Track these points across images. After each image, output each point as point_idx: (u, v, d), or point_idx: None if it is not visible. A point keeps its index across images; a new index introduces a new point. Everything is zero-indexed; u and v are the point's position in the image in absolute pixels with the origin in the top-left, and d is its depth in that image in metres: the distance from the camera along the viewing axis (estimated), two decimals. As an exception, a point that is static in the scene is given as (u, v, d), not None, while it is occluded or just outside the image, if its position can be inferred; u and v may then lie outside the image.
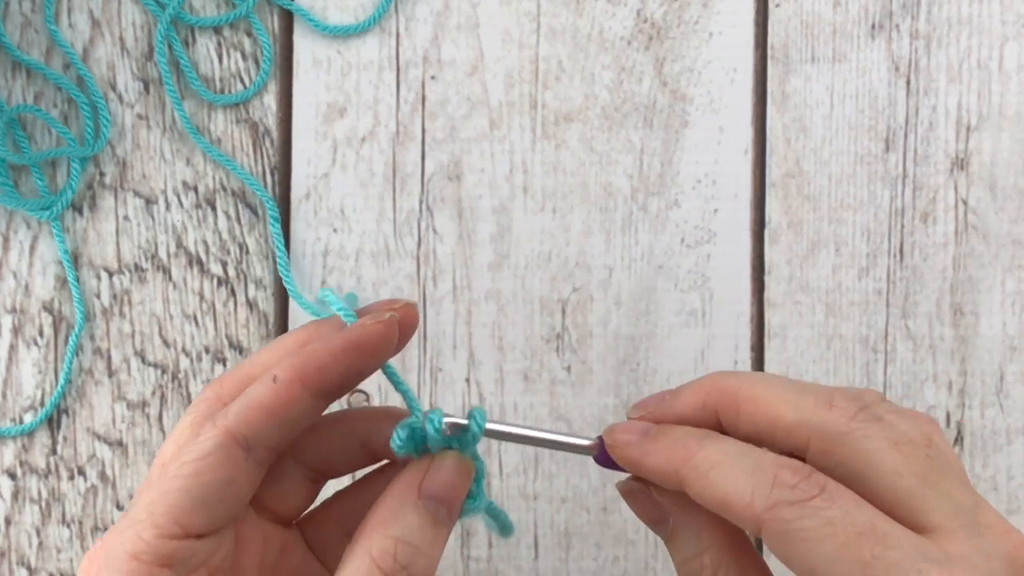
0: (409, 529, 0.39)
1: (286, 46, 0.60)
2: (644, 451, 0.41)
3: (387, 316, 0.40)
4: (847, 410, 0.39)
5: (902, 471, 0.38)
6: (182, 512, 0.38)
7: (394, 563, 0.38)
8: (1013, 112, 0.60)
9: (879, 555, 0.36)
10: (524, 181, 0.60)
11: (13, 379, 0.59)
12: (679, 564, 0.41)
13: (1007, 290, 0.60)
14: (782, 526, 0.37)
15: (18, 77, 0.59)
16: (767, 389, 0.40)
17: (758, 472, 0.38)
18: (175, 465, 0.38)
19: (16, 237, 0.59)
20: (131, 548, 0.38)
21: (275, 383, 0.39)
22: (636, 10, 0.60)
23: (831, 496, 0.37)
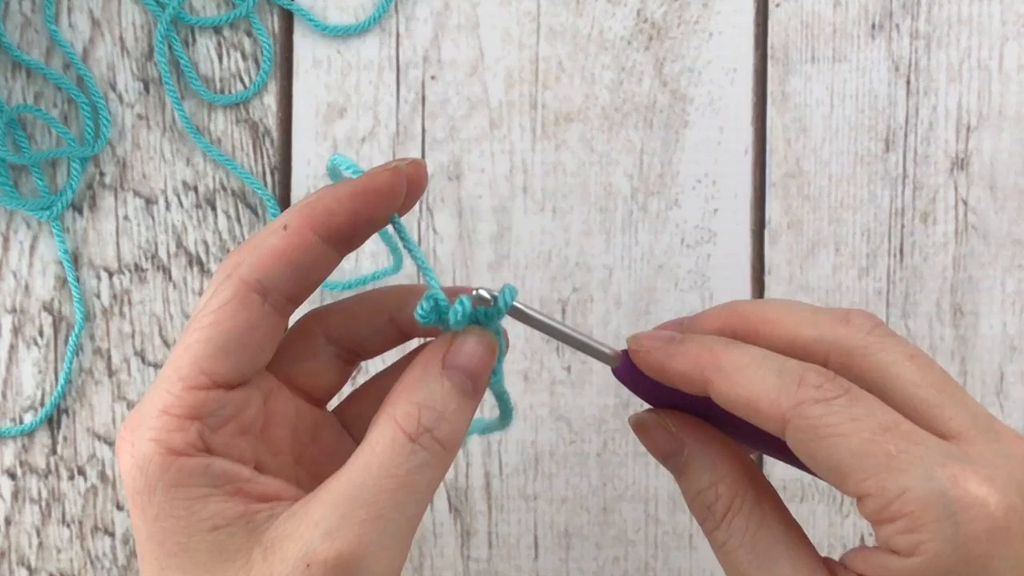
0: (432, 395, 0.39)
1: (286, 46, 0.60)
2: (670, 354, 0.41)
3: (393, 165, 0.40)
4: (863, 326, 0.40)
5: (919, 382, 0.39)
6: (206, 360, 0.38)
7: (418, 425, 0.38)
8: (1013, 112, 0.60)
9: (904, 449, 0.37)
10: (524, 181, 0.60)
11: (13, 379, 0.60)
12: (692, 497, 0.41)
13: (1007, 290, 0.60)
14: (808, 423, 0.37)
15: (18, 77, 0.59)
16: (784, 311, 0.41)
17: (785, 373, 0.38)
18: (194, 321, 0.39)
19: (16, 237, 0.59)
20: (160, 404, 0.38)
21: (285, 230, 0.39)
22: (636, 10, 0.60)
23: (855, 397, 0.38)
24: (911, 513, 0.36)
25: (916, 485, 0.36)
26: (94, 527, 0.60)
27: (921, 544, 0.36)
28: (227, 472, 0.38)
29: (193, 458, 0.38)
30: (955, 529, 0.36)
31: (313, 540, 0.37)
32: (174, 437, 0.38)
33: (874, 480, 0.37)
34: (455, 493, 0.60)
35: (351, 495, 0.38)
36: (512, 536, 0.60)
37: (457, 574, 0.60)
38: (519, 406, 0.60)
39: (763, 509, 0.40)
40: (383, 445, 0.38)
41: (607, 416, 0.60)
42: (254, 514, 0.38)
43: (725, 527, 0.40)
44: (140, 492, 0.38)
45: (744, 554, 0.40)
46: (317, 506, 0.38)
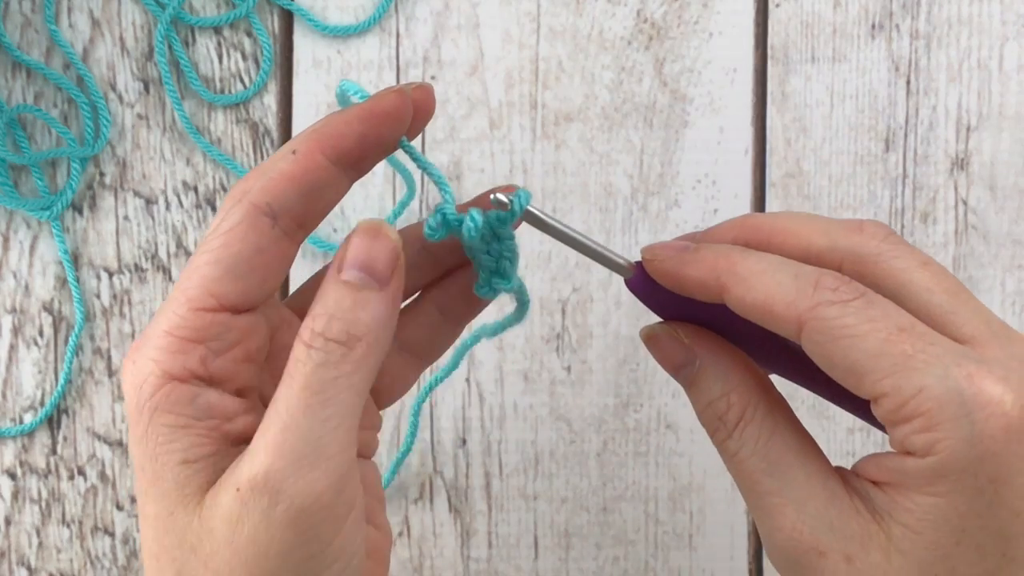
0: (325, 302, 0.38)
1: (286, 46, 0.60)
2: (684, 262, 0.41)
3: (398, 87, 0.40)
4: (877, 233, 0.40)
5: (933, 288, 0.39)
6: (213, 282, 0.38)
7: (311, 334, 0.38)
8: (1013, 112, 0.60)
9: (920, 348, 0.37)
10: (524, 181, 0.60)
11: (13, 379, 0.60)
12: (703, 408, 0.41)
13: (1007, 290, 0.60)
14: (825, 324, 0.37)
15: (18, 77, 0.59)
16: (796, 221, 0.41)
17: (801, 277, 0.38)
18: (204, 244, 0.39)
19: (16, 237, 0.59)
20: (165, 324, 0.38)
21: (295, 154, 0.39)
22: (636, 10, 0.60)
23: (871, 300, 0.38)
24: (928, 411, 0.36)
25: (933, 384, 0.36)
26: (94, 527, 0.60)
27: (937, 443, 0.36)
28: (212, 406, 0.38)
29: (185, 385, 0.38)
30: (971, 427, 0.36)
31: (239, 465, 0.37)
32: (175, 359, 0.38)
33: (891, 379, 0.36)
34: (455, 493, 0.60)
35: (268, 416, 0.37)
36: (512, 536, 0.60)
37: (457, 574, 0.60)
38: (519, 406, 0.60)
39: (775, 418, 0.40)
40: (293, 362, 0.38)
41: (607, 416, 0.60)
42: (222, 455, 0.38)
43: (737, 436, 0.40)
44: (133, 411, 0.38)
45: (757, 462, 0.40)
46: (257, 451, 0.37)
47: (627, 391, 0.60)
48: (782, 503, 0.39)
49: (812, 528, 0.39)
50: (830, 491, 0.39)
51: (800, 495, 0.39)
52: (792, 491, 0.39)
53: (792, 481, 0.39)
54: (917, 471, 0.37)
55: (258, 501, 0.36)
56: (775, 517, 0.39)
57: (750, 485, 0.40)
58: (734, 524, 0.60)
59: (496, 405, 0.60)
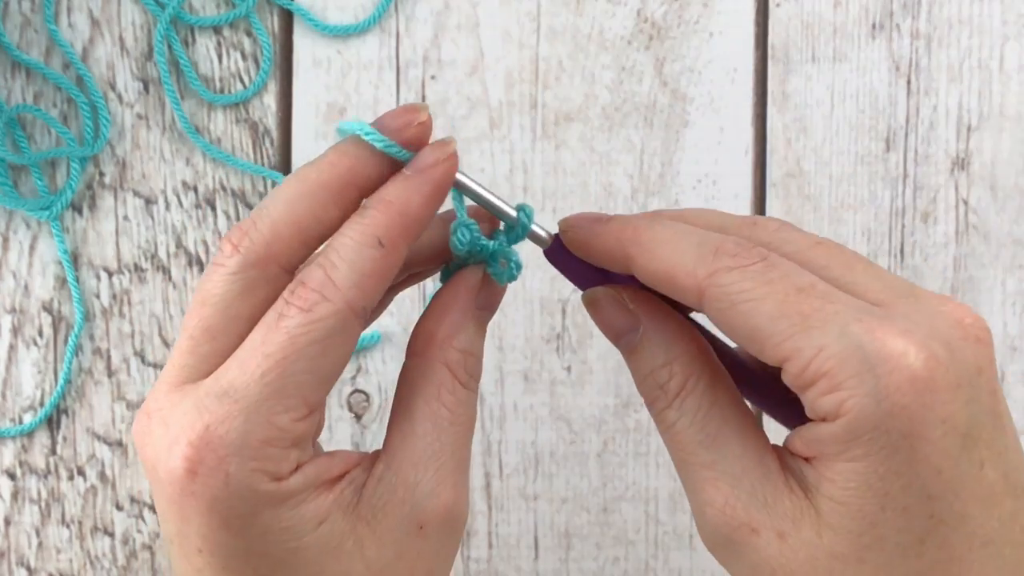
0: (471, 340, 0.41)
1: (286, 46, 0.60)
2: (594, 232, 0.41)
3: (452, 149, 0.40)
4: (769, 224, 0.40)
5: (827, 263, 0.38)
6: (311, 392, 0.38)
7: (465, 372, 0.41)
8: (1014, 112, 0.60)
9: (818, 308, 0.36)
10: (524, 181, 0.60)
11: (13, 379, 0.59)
12: (644, 376, 0.41)
13: (1008, 290, 0.60)
14: (723, 290, 0.37)
15: (18, 77, 0.59)
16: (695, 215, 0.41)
17: (702, 245, 0.38)
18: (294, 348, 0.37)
19: (16, 237, 0.59)
20: (264, 435, 0.37)
21: (383, 247, 0.38)
22: (636, 10, 0.60)
23: (772, 263, 0.37)
24: (830, 371, 0.35)
25: (831, 342, 0.35)
26: (94, 527, 0.60)
27: (843, 402, 0.35)
28: (318, 473, 0.39)
29: (293, 477, 0.38)
30: (875, 382, 0.35)
31: (418, 502, 0.39)
32: (280, 466, 0.37)
33: (790, 342, 0.36)
34: (455, 493, 0.60)
35: (435, 450, 0.39)
36: (512, 536, 0.60)
37: (457, 574, 0.60)
38: (519, 406, 0.60)
39: (716, 390, 0.40)
40: (445, 394, 0.40)
41: (607, 416, 0.60)
42: (341, 494, 0.39)
43: (677, 406, 0.40)
44: (239, 516, 0.37)
45: (694, 434, 0.39)
46: (406, 467, 0.39)
47: (627, 391, 0.60)
48: (716, 477, 0.39)
49: (745, 505, 0.38)
50: (765, 467, 0.38)
51: (735, 470, 0.38)
52: (727, 465, 0.39)
53: (728, 455, 0.39)
54: (832, 437, 0.36)
55: (442, 534, 0.40)
56: (708, 491, 0.39)
57: (684, 457, 0.40)
58: (734, 524, 0.60)
59: (496, 405, 0.60)
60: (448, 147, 0.40)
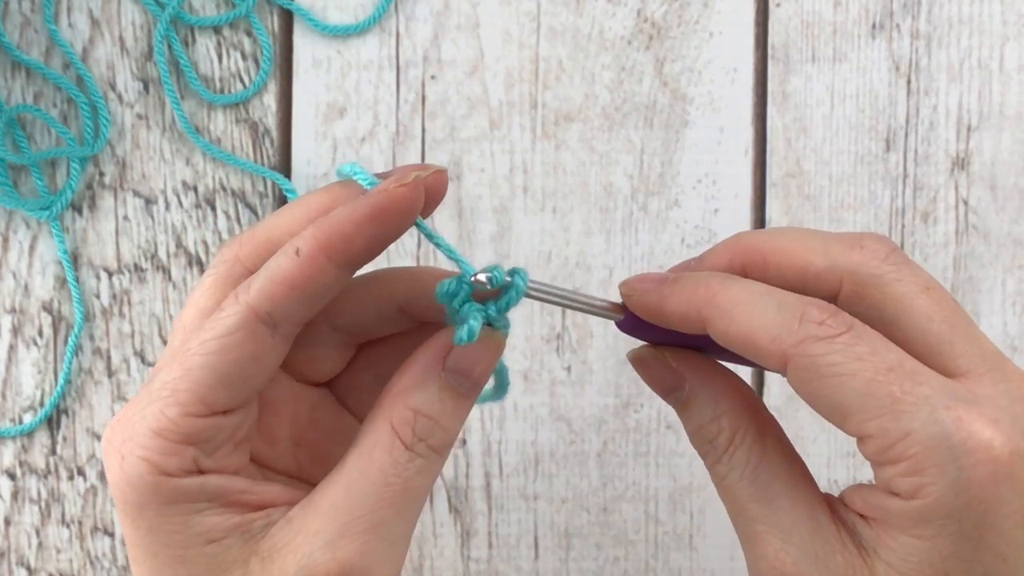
0: (429, 401, 0.39)
1: (286, 46, 0.60)
2: (663, 295, 0.40)
3: (412, 178, 0.38)
4: (878, 252, 0.38)
5: (932, 315, 0.38)
6: (207, 390, 0.37)
7: (412, 435, 0.38)
8: (1014, 112, 0.60)
9: (908, 390, 0.36)
10: (524, 181, 0.60)
11: (13, 379, 0.59)
12: (693, 431, 0.40)
13: (1008, 290, 0.60)
14: (810, 361, 0.36)
15: (18, 77, 0.59)
16: (793, 239, 0.40)
17: (784, 308, 0.37)
18: (197, 342, 0.38)
19: (16, 237, 0.59)
20: (155, 424, 0.37)
21: (298, 256, 0.37)
22: (636, 10, 0.60)
23: (859, 334, 0.36)
24: (914, 456, 0.35)
25: (920, 428, 0.35)
26: (94, 527, 0.60)
27: (923, 488, 0.35)
28: (222, 487, 0.38)
29: (186, 479, 0.38)
30: (958, 473, 0.35)
31: (314, 551, 0.37)
32: (167, 460, 0.37)
33: (877, 421, 0.36)
34: (455, 493, 0.60)
35: (350, 504, 0.37)
36: (512, 536, 0.60)
37: (457, 574, 0.60)
38: (519, 406, 0.60)
39: (764, 443, 0.40)
40: (380, 452, 0.38)
41: (607, 416, 0.60)
42: (250, 523, 0.38)
43: (726, 460, 0.40)
44: (130, 504, 0.38)
45: (744, 487, 0.39)
46: (315, 515, 0.38)
47: (627, 391, 0.60)
48: (767, 531, 0.39)
49: (796, 559, 0.38)
50: (816, 521, 0.38)
51: (786, 523, 0.38)
52: (778, 519, 0.39)
53: (779, 509, 0.39)
54: (902, 512, 0.36)
55: None
56: (760, 544, 0.39)
57: (737, 510, 0.40)
58: (734, 524, 0.60)
59: (496, 405, 0.60)
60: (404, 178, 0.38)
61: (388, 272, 0.44)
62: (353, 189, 0.40)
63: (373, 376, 0.44)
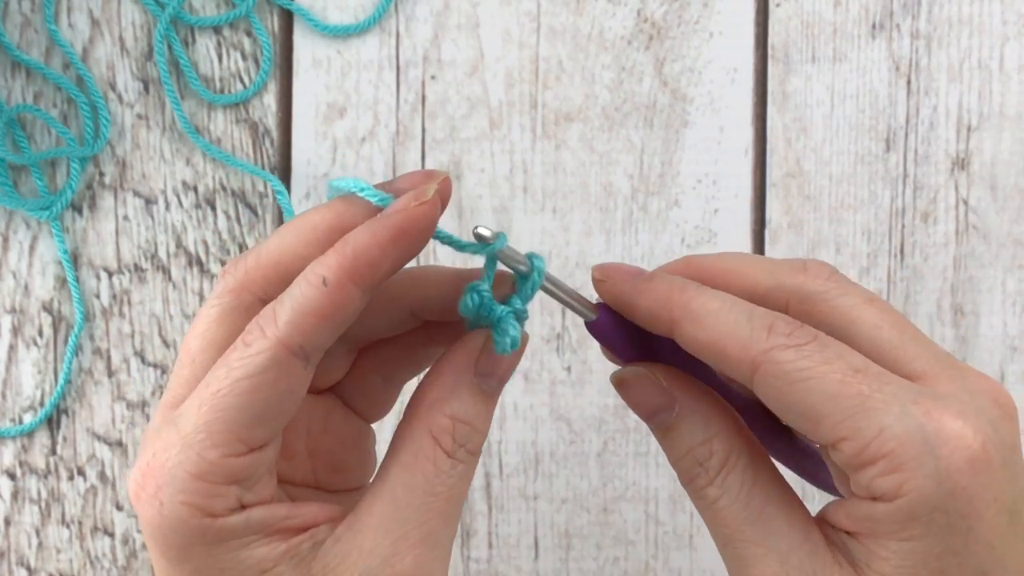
0: (465, 407, 0.39)
1: (286, 46, 0.60)
2: (638, 289, 0.40)
3: (431, 194, 0.38)
4: (821, 272, 0.40)
5: (880, 324, 0.38)
6: (244, 430, 0.37)
7: (453, 441, 0.39)
8: (1014, 112, 0.60)
9: (876, 388, 0.36)
10: (524, 181, 0.60)
11: (13, 379, 0.59)
12: (681, 455, 0.40)
13: (1008, 290, 0.60)
14: (780, 368, 0.37)
15: (18, 77, 0.59)
16: (740, 261, 0.41)
17: (754, 319, 0.38)
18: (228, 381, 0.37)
19: (16, 237, 0.59)
20: (194, 469, 0.37)
21: (326, 286, 0.37)
22: (636, 10, 0.60)
23: (824, 343, 0.37)
24: (891, 452, 0.36)
25: (893, 423, 0.36)
26: (94, 527, 0.60)
27: (904, 483, 0.36)
28: (266, 518, 0.38)
29: (232, 517, 0.37)
30: (936, 463, 0.35)
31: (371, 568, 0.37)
32: (212, 503, 0.37)
33: (850, 421, 0.36)
34: (455, 493, 0.60)
35: (400, 517, 0.38)
36: (512, 536, 0.60)
37: (457, 574, 0.60)
38: (519, 406, 0.60)
39: (757, 466, 0.40)
40: (423, 462, 0.38)
41: (607, 416, 0.60)
42: (297, 547, 0.38)
43: (719, 483, 0.39)
44: (175, 548, 0.37)
45: (739, 511, 0.39)
46: (366, 532, 0.38)
47: (627, 391, 0.60)
48: (764, 554, 0.39)
49: None
50: (812, 543, 0.38)
51: (783, 547, 0.38)
52: (775, 542, 0.39)
53: (776, 532, 0.39)
54: (888, 516, 0.36)
55: None
56: (756, 567, 0.39)
57: (729, 534, 0.39)
58: (734, 524, 0.60)
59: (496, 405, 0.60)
60: (423, 194, 0.38)
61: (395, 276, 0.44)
62: (357, 205, 0.39)
63: (379, 377, 0.44)
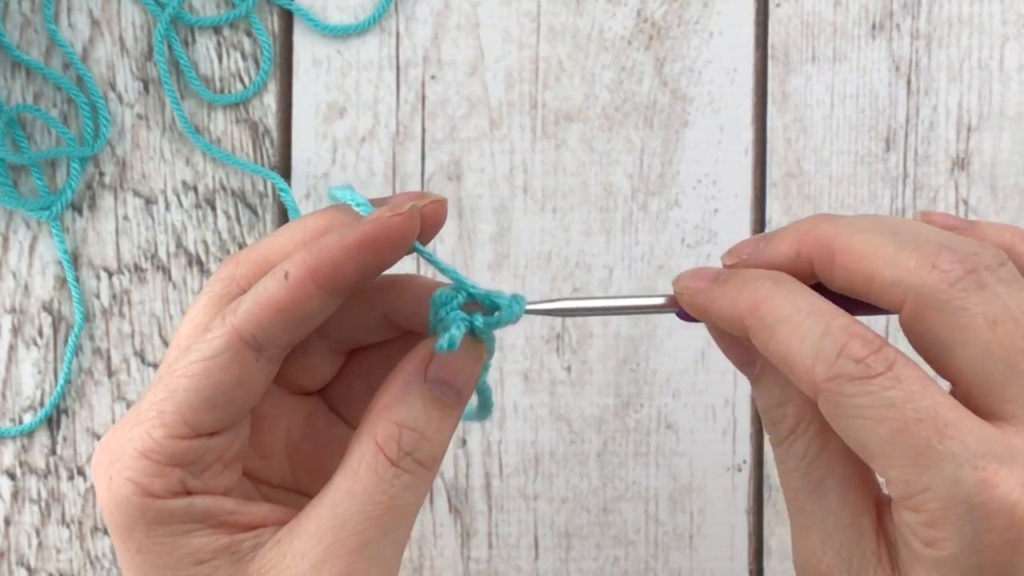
0: (414, 413, 0.38)
1: (286, 46, 0.60)
2: (711, 297, 0.39)
3: (407, 207, 0.38)
4: (949, 274, 0.36)
5: (992, 352, 0.36)
6: (190, 412, 0.37)
7: (398, 449, 0.38)
8: (1014, 112, 0.60)
9: (935, 445, 0.34)
10: (524, 181, 0.60)
11: (13, 379, 0.59)
12: (763, 408, 0.40)
13: (1008, 290, 0.60)
14: (839, 399, 0.35)
15: (18, 77, 0.59)
16: (866, 241, 0.38)
17: (826, 338, 0.36)
18: (184, 362, 0.37)
19: (16, 237, 0.59)
20: (140, 446, 0.37)
21: (286, 280, 0.37)
22: (636, 10, 0.60)
23: (897, 376, 0.35)
24: (932, 512, 0.35)
25: (939, 485, 0.35)
26: (94, 527, 0.60)
27: (939, 541, 0.35)
28: (209, 508, 0.38)
29: (173, 500, 0.38)
30: (975, 537, 0.35)
31: (301, 573, 0.37)
32: (153, 482, 0.37)
33: (899, 471, 0.35)
34: (455, 493, 0.60)
35: (336, 524, 0.37)
36: (512, 536, 0.60)
37: (457, 574, 0.60)
38: (519, 406, 0.60)
39: (826, 438, 0.39)
40: (365, 469, 0.38)
41: (607, 416, 0.60)
42: (239, 544, 0.38)
43: (786, 447, 0.39)
44: (119, 525, 0.38)
45: (798, 479, 0.39)
46: (302, 536, 0.37)
47: (627, 391, 0.60)
48: (809, 526, 0.39)
49: (831, 562, 0.38)
50: (859, 529, 0.38)
51: (829, 525, 0.38)
52: (822, 517, 0.38)
53: (825, 507, 0.38)
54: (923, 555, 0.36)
55: None
56: (802, 537, 0.39)
57: (789, 497, 0.40)
58: (734, 524, 0.60)
59: (496, 405, 0.60)
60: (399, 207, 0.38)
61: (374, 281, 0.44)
62: (349, 214, 0.40)
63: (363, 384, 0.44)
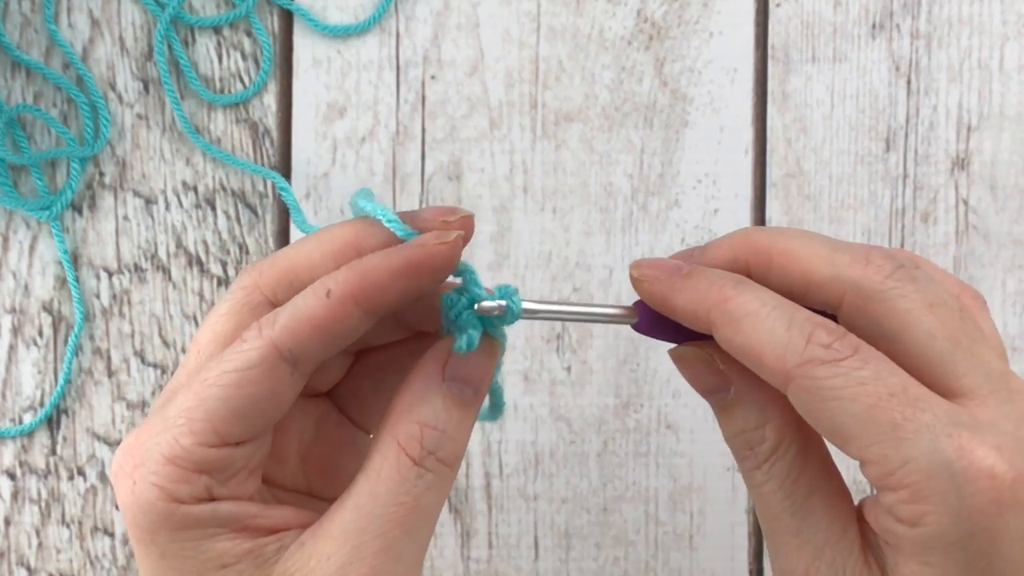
0: (434, 412, 0.38)
1: (286, 46, 0.60)
2: (674, 288, 0.39)
3: (453, 237, 0.38)
4: (883, 268, 0.38)
5: (935, 333, 0.37)
6: (221, 422, 0.37)
7: (421, 448, 0.38)
8: (1014, 112, 0.60)
9: (909, 417, 0.35)
10: (524, 181, 0.60)
11: (13, 379, 0.59)
12: (733, 434, 0.40)
13: (1008, 290, 0.60)
14: (813, 383, 0.36)
15: (18, 77, 0.59)
16: (802, 244, 0.39)
17: (793, 328, 0.37)
18: (216, 372, 0.37)
19: (16, 237, 0.59)
20: (168, 452, 0.37)
21: (328, 298, 0.37)
22: (636, 10, 0.60)
23: (864, 358, 0.36)
24: (914, 484, 0.35)
25: (920, 456, 0.35)
26: (94, 527, 0.60)
27: (924, 515, 0.35)
28: (233, 513, 0.38)
29: (198, 506, 0.38)
30: (960, 502, 0.35)
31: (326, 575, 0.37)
32: (179, 488, 0.37)
33: (877, 447, 0.35)
34: (455, 493, 0.60)
35: (360, 526, 0.37)
36: (512, 536, 0.60)
37: (457, 574, 0.60)
38: (519, 406, 0.60)
39: (807, 456, 0.39)
40: (388, 470, 0.38)
41: (607, 416, 0.60)
42: (262, 548, 0.38)
43: (766, 469, 0.39)
44: (143, 530, 0.38)
45: (781, 499, 0.39)
46: (326, 538, 0.38)
47: (627, 391, 0.60)
48: (799, 544, 0.39)
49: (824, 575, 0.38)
50: (848, 540, 0.38)
51: (819, 540, 0.38)
52: (812, 534, 0.38)
53: (814, 524, 0.38)
54: (908, 539, 0.36)
55: None
56: (790, 557, 0.39)
57: (770, 518, 0.39)
58: (734, 524, 0.60)
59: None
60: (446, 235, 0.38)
61: None
62: (378, 229, 0.39)
63: (370, 384, 0.44)
